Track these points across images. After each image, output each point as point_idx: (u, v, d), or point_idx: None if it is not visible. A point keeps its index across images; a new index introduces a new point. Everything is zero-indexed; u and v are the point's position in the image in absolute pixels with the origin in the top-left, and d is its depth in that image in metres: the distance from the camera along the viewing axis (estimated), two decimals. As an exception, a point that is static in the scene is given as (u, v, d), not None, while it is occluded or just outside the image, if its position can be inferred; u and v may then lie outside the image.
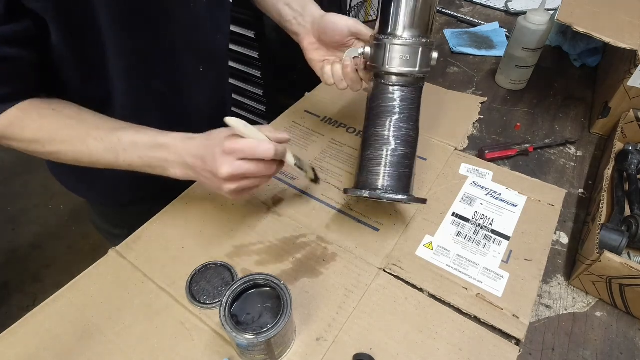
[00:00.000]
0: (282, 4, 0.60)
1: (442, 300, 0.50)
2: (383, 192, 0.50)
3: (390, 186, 0.50)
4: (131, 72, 0.52)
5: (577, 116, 0.79)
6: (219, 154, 0.43)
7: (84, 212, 0.78)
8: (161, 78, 0.56)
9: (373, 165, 0.51)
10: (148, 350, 0.45)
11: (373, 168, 0.51)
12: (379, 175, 0.50)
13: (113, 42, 0.48)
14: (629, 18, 0.69)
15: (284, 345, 0.44)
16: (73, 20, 0.44)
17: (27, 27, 0.42)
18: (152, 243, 0.56)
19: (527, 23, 0.74)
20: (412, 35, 0.48)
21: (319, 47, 0.59)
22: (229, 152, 0.43)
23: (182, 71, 0.58)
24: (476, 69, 0.91)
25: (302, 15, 0.59)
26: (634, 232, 0.53)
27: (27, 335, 0.47)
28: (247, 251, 0.55)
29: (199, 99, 0.64)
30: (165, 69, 0.56)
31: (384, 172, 0.50)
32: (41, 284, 1.53)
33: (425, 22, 0.48)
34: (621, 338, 0.48)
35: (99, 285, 0.51)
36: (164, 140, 0.46)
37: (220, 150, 0.43)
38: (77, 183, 0.68)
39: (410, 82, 0.50)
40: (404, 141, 0.51)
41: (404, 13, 0.47)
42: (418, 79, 0.50)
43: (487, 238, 0.56)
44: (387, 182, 0.50)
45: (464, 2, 1.16)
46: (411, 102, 0.51)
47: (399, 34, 0.48)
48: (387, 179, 0.50)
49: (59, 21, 0.43)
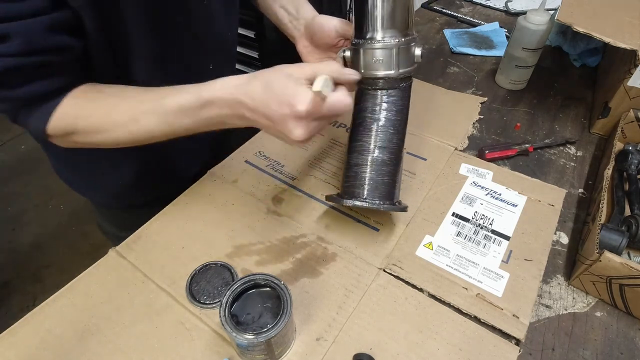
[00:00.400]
0: (278, 6, 0.60)
1: (442, 300, 0.50)
2: (362, 200, 0.49)
3: (370, 194, 0.49)
4: (154, 73, 0.51)
5: (577, 116, 0.79)
6: (291, 118, 0.39)
7: (84, 212, 0.78)
8: (179, 78, 0.56)
9: (354, 172, 0.50)
10: (148, 350, 0.45)
11: (353, 175, 0.50)
12: (359, 183, 0.50)
13: (139, 42, 0.47)
14: (629, 18, 0.69)
15: (284, 345, 0.44)
16: (104, 14, 0.43)
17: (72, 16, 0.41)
18: (152, 243, 0.56)
19: (527, 23, 0.74)
20: (387, 36, 0.46)
21: (312, 49, 0.58)
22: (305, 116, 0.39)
23: (197, 70, 0.58)
24: (476, 69, 0.91)
25: (297, 18, 0.58)
26: (634, 232, 0.53)
27: (27, 335, 0.47)
28: (247, 251, 0.55)
29: None
30: (184, 69, 0.56)
31: (364, 179, 0.50)
32: (41, 284, 1.53)
33: (401, 20, 0.46)
34: (621, 338, 0.48)
35: (99, 285, 0.51)
36: (208, 94, 0.42)
37: (293, 115, 0.39)
38: (85, 184, 0.67)
39: (390, 85, 0.48)
40: (386, 147, 0.50)
41: (373, 15, 0.46)
42: (400, 80, 0.48)
43: (487, 238, 0.56)
44: (367, 191, 0.50)
45: (464, 2, 1.16)
46: (394, 104, 0.49)
47: (373, 37, 0.46)
48: (367, 187, 0.50)
49: (90, 16, 0.42)
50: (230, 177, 0.65)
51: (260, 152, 0.70)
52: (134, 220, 0.58)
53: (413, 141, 0.70)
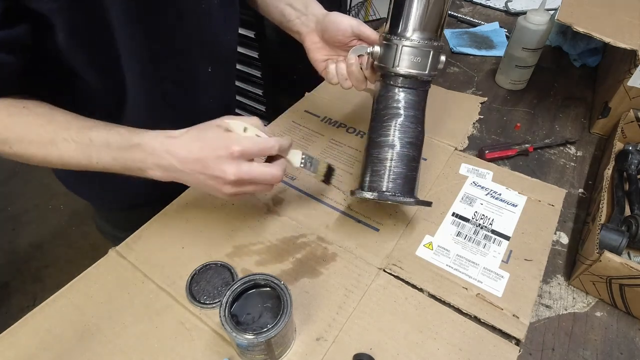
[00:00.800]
0: (284, 4, 0.60)
1: (442, 300, 0.50)
2: (390, 194, 0.50)
3: (395, 188, 0.50)
4: (144, 73, 0.51)
5: (577, 116, 0.79)
6: (225, 158, 0.41)
7: (84, 212, 0.78)
8: (172, 78, 0.56)
9: (378, 167, 0.51)
10: (148, 350, 0.45)
11: (378, 170, 0.50)
12: (383, 177, 0.50)
13: (125, 42, 0.47)
14: (629, 18, 0.69)
15: (284, 345, 0.44)
16: (82, 19, 0.43)
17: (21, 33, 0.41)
18: (152, 243, 0.56)
19: (527, 23, 0.74)
20: (423, 37, 0.48)
21: (322, 46, 0.58)
22: (238, 156, 0.41)
23: (192, 72, 0.58)
24: (476, 69, 0.91)
25: (305, 14, 0.59)
26: (634, 232, 0.53)
27: (27, 335, 0.46)
28: (247, 251, 0.55)
29: (207, 100, 0.64)
30: (177, 69, 0.56)
31: (390, 174, 0.50)
32: (41, 284, 1.53)
33: (437, 25, 0.48)
34: (621, 338, 0.48)
35: (99, 285, 0.51)
36: (139, 139, 0.43)
37: (226, 154, 0.41)
38: (82, 186, 0.67)
39: (418, 85, 0.50)
40: (410, 143, 0.50)
41: (416, 15, 0.47)
42: (425, 82, 0.50)
43: (487, 238, 0.56)
44: (392, 185, 0.50)
45: (464, 2, 1.16)
46: (417, 104, 0.51)
47: (409, 36, 0.48)
48: (392, 181, 0.50)
49: (67, 22, 0.42)
50: (230, 177, 0.65)
51: (260, 152, 0.70)
52: (133, 220, 0.58)
53: (413, 141, 0.71)
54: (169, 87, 0.56)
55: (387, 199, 0.50)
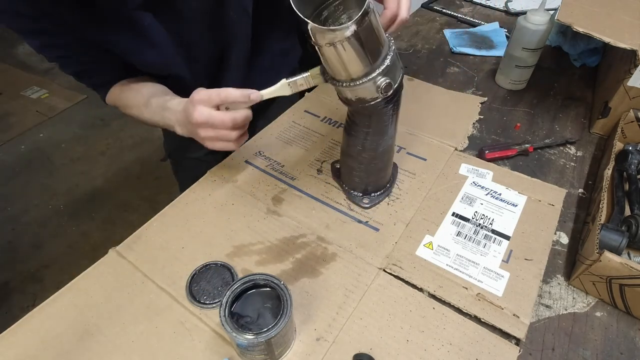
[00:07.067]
0: None
1: (443, 300, 0.50)
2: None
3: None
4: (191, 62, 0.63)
5: (577, 116, 0.79)
6: (190, 105, 0.51)
7: (84, 212, 0.78)
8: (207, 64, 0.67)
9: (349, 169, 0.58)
10: (148, 350, 0.45)
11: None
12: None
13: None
14: (629, 18, 0.69)
15: (284, 345, 0.44)
16: None
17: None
18: (152, 243, 0.56)
19: (527, 23, 0.74)
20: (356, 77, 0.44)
21: None
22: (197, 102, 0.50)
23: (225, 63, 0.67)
24: (476, 69, 0.91)
25: None
26: (634, 232, 0.53)
27: (27, 335, 0.47)
28: (247, 251, 0.55)
29: None
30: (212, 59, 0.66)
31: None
32: (41, 284, 1.53)
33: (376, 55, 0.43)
34: (621, 338, 0.48)
35: (99, 285, 0.51)
36: (169, 104, 0.56)
37: (191, 102, 0.50)
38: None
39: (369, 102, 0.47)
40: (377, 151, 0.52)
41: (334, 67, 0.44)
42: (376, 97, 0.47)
43: (487, 238, 0.56)
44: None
45: (464, 2, 1.16)
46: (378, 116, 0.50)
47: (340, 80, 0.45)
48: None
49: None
50: (230, 177, 0.65)
51: (260, 152, 0.70)
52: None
53: (413, 141, 0.70)
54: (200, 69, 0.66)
55: None
